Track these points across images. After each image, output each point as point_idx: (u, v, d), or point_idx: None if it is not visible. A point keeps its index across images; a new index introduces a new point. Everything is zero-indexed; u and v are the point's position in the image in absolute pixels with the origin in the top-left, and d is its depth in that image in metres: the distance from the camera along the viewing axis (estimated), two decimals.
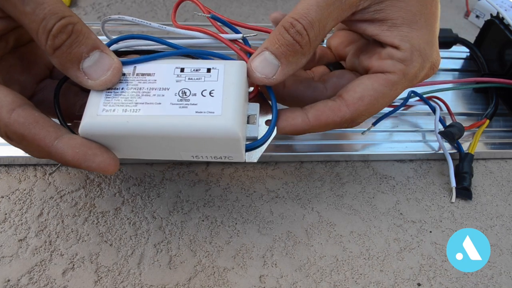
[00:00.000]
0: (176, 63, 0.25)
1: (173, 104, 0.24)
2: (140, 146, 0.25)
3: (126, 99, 0.24)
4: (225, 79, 0.25)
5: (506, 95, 0.41)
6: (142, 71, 0.25)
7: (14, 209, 0.31)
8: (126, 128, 0.23)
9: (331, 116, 0.27)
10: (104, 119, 0.23)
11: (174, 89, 0.24)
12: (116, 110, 0.23)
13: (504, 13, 0.42)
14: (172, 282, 0.28)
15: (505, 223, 0.33)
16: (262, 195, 0.33)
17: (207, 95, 0.24)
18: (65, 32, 0.22)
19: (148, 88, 0.24)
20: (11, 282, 0.27)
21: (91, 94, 0.24)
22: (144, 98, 0.24)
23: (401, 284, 0.29)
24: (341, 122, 0.27)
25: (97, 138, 0.24)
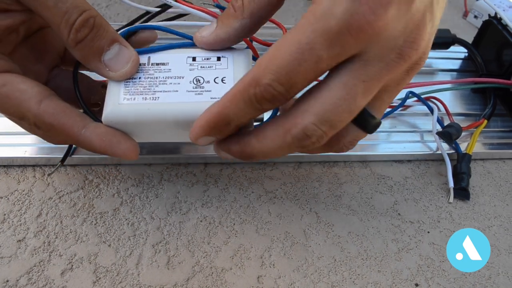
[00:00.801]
0: (188, 53, 0.27)
1: (189, 91, 0.26)
2: (159, 131, 0.27)
3: (145, 88, 0.26)
4: (234, 66, 0.26)
5: (504, 96, 0.41)
6: (157, 61, 0.27)
7: (13, 210, 0.31)
8: (148, 115, 0.25)
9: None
10: (126, 108, 0.25)
11: (188, 77, 0.26)
12: (136, 98, 0.25)
13: (502, 14, 0.42)
14: (170, 282, 0.28)
15: (503, 223, 0.33)
16: (260, 196, 0.33)
17: (220, 82, 0.26)
18: (87, 26, 0.23)
19: (164, 77, 0.26)
20: (10, 282, 0.27)
21: (110, 84, 0.26)
22: (161, 86, 0.26)
23: (399, 285, 0.29)
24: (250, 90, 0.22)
25: (120, 125, 0.26)
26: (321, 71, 0.21)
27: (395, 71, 0.22)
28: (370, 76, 0.21)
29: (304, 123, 0.22)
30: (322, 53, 0.20)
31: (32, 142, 0.34)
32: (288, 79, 0.21)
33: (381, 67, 0.21)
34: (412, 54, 0.22)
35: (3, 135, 0.35)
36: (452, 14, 0.58)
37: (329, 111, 0.22)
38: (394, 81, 0.23)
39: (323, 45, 0.20)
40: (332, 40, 0.20)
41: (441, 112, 0.40)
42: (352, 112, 0.22)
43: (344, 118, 0.22)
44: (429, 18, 0.22)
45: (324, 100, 0.22)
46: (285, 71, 0.21)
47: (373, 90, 0.22)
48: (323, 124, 0.22)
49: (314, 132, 0.22)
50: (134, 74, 0.26)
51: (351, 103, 0.22)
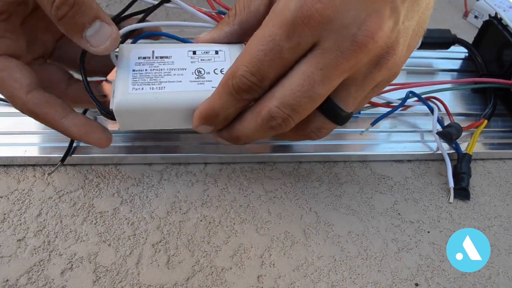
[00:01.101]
0: (188, 47, 0.29)
1: (191, 81, 0.28)
2: (165, 118, 0.29)
3: (151, 79, 0.28)
4: (231, 58, 0.29)
5: (504, 96, 0.41)
6: (161, 54, 0.29)
7: (13, 209, 0.31)
8: (156, 103, 0.27)
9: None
10: (135, 97, 0.27)
11: (190, 69, 0.29)
12: (144, 88, 0.27)
13: (503, 14, 0.42)
14: (170, 282, 0.28)
15: (503, 223, 0.33)
16: (260, 196, 0.33)
17: (219, 73, 0.29)
18: (67, 4, 0.24)
19: (168, 69, 0.28)
20: (10, 282, 0.27)
21: (117, 75, 0.28)
22: (166, 77, 0.28)
23: (399, 284, 0.29)
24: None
25: (129, 113, 0.28)
26: (286, 61, 0.24)
27: (353, 59, 0.23)
28: (326, 64, 0.23)
29: (270, 106, 0.25)
30: (283, 43, 0.23)
31: (32, 142, 0.34)
32: (258, 69, 0.24)
33: (337, 55, 0.23)
34: (368, 43, 0.23)
35: (3, 134, 0.35)
36: (452, 14, 0.58)
37: (289, 96, 0.24)
38: (360, 73, 0.24)
39: (282, 36, 0.23)
40: (289, 30, 0.23)
41: (441, 112, 0.40)
42: (312, 98, 0.24)
43: (304, 104, 0.24)
44: (389, 12, 0.23)
45: (286, 87, 0.24)
46: (254, 62, 0.24)
47: (332, 78, 0.24)
48: (285, 107, 0.24)
49: (277, 114, 0.24)
50: (112, 50, 0.27)
51: (309, 90, 0.24)
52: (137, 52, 0.29)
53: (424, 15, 0.26)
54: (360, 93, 0.25)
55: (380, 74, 0.25)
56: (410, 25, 0.25)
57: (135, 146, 0.35)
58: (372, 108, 0.39)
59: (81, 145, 0.34)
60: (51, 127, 0.28)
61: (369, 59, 0.24)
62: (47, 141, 0.34)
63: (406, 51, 0.26)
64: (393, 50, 0.24)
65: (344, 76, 0.24)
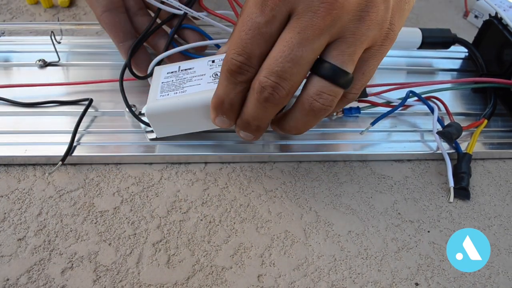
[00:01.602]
0: (208, 58, 0.34)
1: (209, 82, 0.32)
2: (189, 118, 0.33)
3: (176, 86, 0.33)
4: None
5: (505, 95, 0.41)
6: (185, 67, 0.34)
7: (13, 209, 0.31)
8: (178, 104, 0.32)
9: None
10: (161, 102, 0.32)
11: (208, 73, 0.33)
12: (169, 94, 0.32)
13: (503, 13, 0.42)
14: (170, 281, 0.28)
15: (503, 223, 0.33)
16: (260, 195, 0.33)
17: None
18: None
19: (190, 77, 0.33)
20: (10, 281, 0.27)
21: (150, 89, 0.33)
22: (188, 83, 0.32)
23: (398, 284, 0.29)
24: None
25: (158, 115, 0.32)
26: (266, 35, 0.25)
27: (328, 17, 0.24)
28: (303, 27, 0.24)
29: (259, 78, 0.26)
30: (259, 19, 0.25)
31: (33, 141, 0.34)
32: (243, 48, 0.26)
33: (311, 16, 0.24)
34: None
35: (4, 134, 0.35)
36: (452, 14, 0.58)
37: (273, 63, 0.25)
38: (347, 31, 0.25)
39: (257, 13, 0.25)
40: (262, 6, 0.25)
41: (441, 111, 0.40)
42: (295, 62, 0.25)
43: (289, 68, 0.25)
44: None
45: (270, 56, 0.26)
46: (239, 43, 0.26)
47: (310, 39, 0.25)
48: (271, 75, 0.26)
49: (266, 83, 0.26)
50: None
51: (290, 53, 0.25)
52: (167, 69, 0.34)
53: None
54: (353, 49, 0.26)
55: (368, 29, 0.25)
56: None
57: (136, 145, 0.35)
58: (372, 108, 0.39)
59: (81, 144, 0.34)
60: (117, 42, 0.37)
61: (350, 16, 0.25)
62: (47, 140, 0.34)
63: (395, 10, 0.26)
64: (372, 4, 0.25)
65: (326, 36, 0.25)
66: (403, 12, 0.27)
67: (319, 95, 0.26)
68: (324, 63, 0.26)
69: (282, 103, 0.27)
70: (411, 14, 0.59)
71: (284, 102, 0.27)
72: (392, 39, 0.27)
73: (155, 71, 0.35)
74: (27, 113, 0.37)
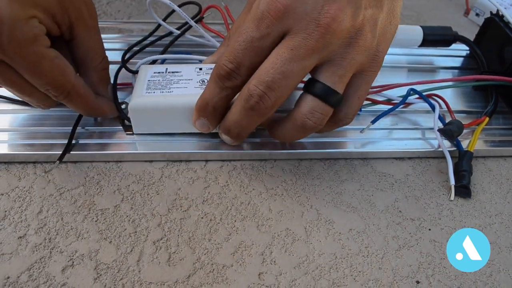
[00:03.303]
0: (196, 65, 0.36)
1: (196, 87, 0.34)
2: (172, 118, 0.34)
3: (162, 85, 0.34)
4: None
5: (506, 93, 0.41)
6: (172, 70, 0.35)
7: (14, 207, 0.31)
8: (164, 102, 0.33)
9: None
10: (147, 98, 0.33)
11: (196, 79, 0.34)
12: (155, 92, 0.33)
13: (504, 11, 0.42)
14: (171, 279, 0.28)
15: (504, 221, 0.33)
16: (261, 193, 0.33)
17: None
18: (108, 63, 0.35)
19: (177, 80, 0.34)
20: (11, 279, 0.27)
21: (135, 86, 0.34)
22: (175, 85, 0.34)
23: (399, 282, 0.29)
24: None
25: (142, 111, 0.33)
26: (258, 48, 0.27)
27: (320, 40, 0.26)
28: (296, 45, 0.26)
29: (248, 86, 0.28)
30: (253, 34, 0.27)
31: (33, 139, 0.34)
32: (234, 57, 0.28)
33: (304, 36, 0.26)
34: (331, 23, 0.26)
35: (4, 131, 0.35)
36: (453, 12, 0.58)
37: (264, 73, 0.27)
38: (337, 54, 0.27)
39: (253, 28, 0.27)
40: (259, 22, 0.27)
41: (442, 109, 0.40)
42: (285, 75, 0.27)
43: (278, 80, 0.27)
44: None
45: (261, 67, 0.27)
46: (232, 52, 0.28)
47: (302, 56, 0.26)
48: (260, 84, 0.27)
49: (254, 92, 0.27)
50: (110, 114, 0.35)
51: (281, 66, 0.27)
52: (153, 69, 0.35)
53: (393, 5, 0.29)
54: (343, 71, 0.28)
55: (356, 54, 0.27)
56: (376, 13, 0.28)
57: (136, 143, 0.35)
58: (373, 106, 0.39)
59: (79, 142, 0.34)
60: (86, 106, 0.33)
61: (340, 41, 0.27)
62: (47, 138, 0.34)
63: (380, 38, 0.29)
64: (361, 32, 0.27)
65: (316, 56, 0.27)
66: (388, 40, 0.30)
67: (312, 114, 0.28)
68: (316, 82, 0.28)
69: (266, 113, 0.29)
70: (412, 12, 0.58)
71: (267, 113, 0.29)
72: (379, 64, 0.29)
73: (141, 69, 0.35)
74: (27, 111, 0.37)
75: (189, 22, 0.39)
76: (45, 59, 0.28)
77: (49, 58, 0.29)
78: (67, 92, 0.31)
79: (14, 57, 0.27)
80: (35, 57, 0.28)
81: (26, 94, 0.31)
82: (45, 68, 0.29)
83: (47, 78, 0.29)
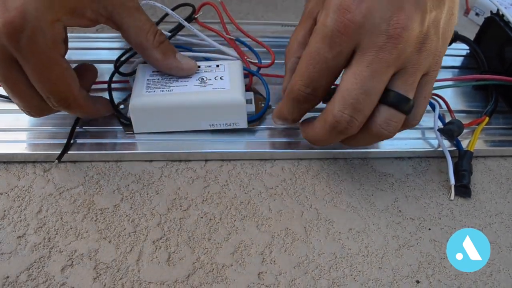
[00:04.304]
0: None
1: (195, 85, 0.34)
2: (172, 117, 0.34)
3: (162, 84, 0.34)
4: (229, 70, 0.35)
5: (506, 93, 0.41)
6: None
7: (13, 206, 0.31)
8: (164, 101, 0.33)
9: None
10: (148, 96, 0.33)
11: (195, 77, 0.35)
12: (156, 91, 0.33)
13: (504, 11, 0.41)
14: (171, 279, 0.28)
15: (504, 220, 0.33)
16: (260, 192, 0.33)
17: (219, 79, 0.35)
18: (163, 34, 0.33)
19: (177, 78, 0.34)
20: (10, 278, 0.27)
21: (134, 85, 0.34)
22: (175, 83, 0.34)
23: (399, 281, 0.29)
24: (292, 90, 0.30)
25: (143, 110, 0.33)
26: (333, 68, 0.28)
27: (394, 51, 0.26)
28: (370, 60, 0.26)
29: (333, 112, 0.28)
30: (327, 54, 0.27)
31: (32, 139, 0.34)
32: (310, 81, 0.28)
33: (377, 50, 0.26)
34: (401, 33, 0.26)
35: (3, 131, 0.35)
36: None
37: (346, 96, 0.27)
38: (409, 62, 0.27)
39: (326, 49, 0.27)
40: (331, 42, 0.27)
41: (442, 109, 0.40)
42: (367, 93, 0.27)
43: (363, 100, 0.27)
44: (413, 6, 0.26)
45: (342, 89, 0.27)
46: (306, 76, 0.28)
47: (379, 72, 0.26)
48: (346, 108, 0.27)
49: (341, 118, 0.27)
50: (195, 70, 0.35)
51: (362, 86, 0.26)
52: (152, 68, 0.35)
53: (451, 3, 0.29)
54: (414, 78, 0.28)
55: (425, 59, 0.27)
56: (439, 14, 0.28)
57: (136, 142, 0.35)
58: None
59: (79, 142, 0.34)
60: (84, 114, 0.34)
61: (411, 48, 0.27)
62: (47, 137, 0.34)
63: (442, 39, 0.29)
64: (427, 36, 0.27)
65: (392, 69, 0.27)
66: (447, 39, 0.29)
67: (387, 123, 0.28)
68: (389, 92, 0.28)
69: (353, 133, 0.29)
70: None
71: (354, 132, 0.28)
72: (440, 64, 0.29)
73: (139, 69, 0.35)
74: None
75: (182, 23, 0.39)
76: (57, 66, 0.28)
77: (61, 67, 0.29)
78: (67, 104, 0.30)
79: (29, 57, 0.27)
80: (48, 62, 0.28)
81: (24, 98, 0.30)
82: (54, 75, 0.28)
83: (52, 86, 0.29)
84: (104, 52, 0.43)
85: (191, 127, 0.34)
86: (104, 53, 0.43)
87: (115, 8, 0.30)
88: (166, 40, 0.33)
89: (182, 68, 0.34)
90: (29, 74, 0.28)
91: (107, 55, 0.42)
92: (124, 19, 0.31)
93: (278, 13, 0.54)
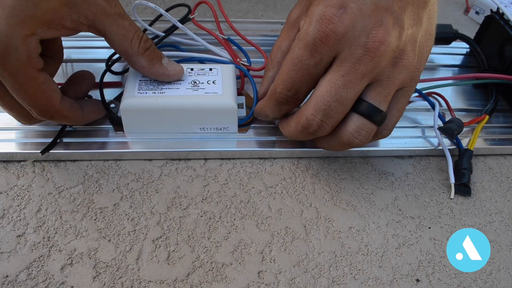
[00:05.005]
0: (187, 65, 0.36)
1: (188, 88, 0.34)
2: (163, 119, 0.34)
3: (154, 86, 0.34)
4: (222, 74, 0.35)
5: (506, 91, 0.41)
6: None
7: (13, 205, 0.31)
8: (156, 103, 0.33)
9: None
10: (139, 98, 0.33)
11: (187, 80, 0.34)
12: (147, 92, 0.33)
13: (504, 9, 0.41)
14: (170, 277, 0.28)
15: (504, 219, 0.33)
16: (260, 191, 0.33)
17: (211, 83, 0.34)
18: (148, 40, 0.32)
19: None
20: (10, 277, 0.27)
21: (126, 86, 0.34)
22: (167, 85, 0.34)
23: (399, 280, 0.29)
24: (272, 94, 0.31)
25: (134, 112, 0.33)
26: (313, 75, 0.29)
27: (370, 63, 0.27)
28: (346, 71, 0.28)
29: (305, 114, 0.29)
30: (308, 61, 0.28)
31: (32, 138, 0.34)
32: (292, 85, 0.30)
33: (354, 61, 0.27)
34: (379, 47, 0.27)
35: (3, 130, 0.35)
36: (453, 10, 0.58)
37: (319, 102, 0.28)
38: (383, 75, 0.28)
39: (307, 56, 0.28)
40: (312, 50, 0.28)
41: (442, 107, 0.40)
42: (340, 102, 0.28)
43: (334, 107, 0.28)
44: (392, 21, 0.27)
45: (316, 95, 0.29)
46: (288, 80, 0.30)
47: (353, 82, 0.28)
48: (318, 113, 0.29)
49: (313, 121, 0.29)
50: (181, 76, 0.34)
51: (336, 94, 0.28)
52: None
53: (428, 25, 0.30)
54: (388, 91, 0.29)
55: (399, 73, 0.29)
56: (416, 32, 0.29)
57: (135, 141, 0.35)
58: None
59: (79, 140, 0.34)
60: (72, 123, 0.34)
61: (386, 62, 0.28)
62: (47, 136, 0.34)
63: (419, 56, 0.30)
64: (404, 52, 0.28)
65: (366, 80, 0.28)
66: (425, 58, 0.31)
67: (358, 132, 0.30)
68: (363, 102, 0.29)
69: (324, 134, 0.30)
70: None
71: (325, 134, 0.30)
72: (417, 80, 0.31)
73: (131, 69, 0.35)
74: None
75: (176, 24, 0.39)
76: (32, 82, 0.28)
77: (37, 82, 0.28)
78: (50, 115, 0.30)
79: (4, 75, 0.27)
80: (23, 78, 0.27)
81: (13, 109, 0.30)
82: (30, 90, 0.28)
83: (31, 100, 0.28)
84: (103, 51, 0.43)
85: (182, 130, 0.35)
86: (103, 52, 0.42)
87: (96, 16, 0.29)
88: (152, 46, 0.32)
89: (169, 74, 0.33)
90: (8, 89, 0.28)
91: (107, 54, 0.42)
92: (107, 27, 0.30)
93: (277, 12, 0.54)
